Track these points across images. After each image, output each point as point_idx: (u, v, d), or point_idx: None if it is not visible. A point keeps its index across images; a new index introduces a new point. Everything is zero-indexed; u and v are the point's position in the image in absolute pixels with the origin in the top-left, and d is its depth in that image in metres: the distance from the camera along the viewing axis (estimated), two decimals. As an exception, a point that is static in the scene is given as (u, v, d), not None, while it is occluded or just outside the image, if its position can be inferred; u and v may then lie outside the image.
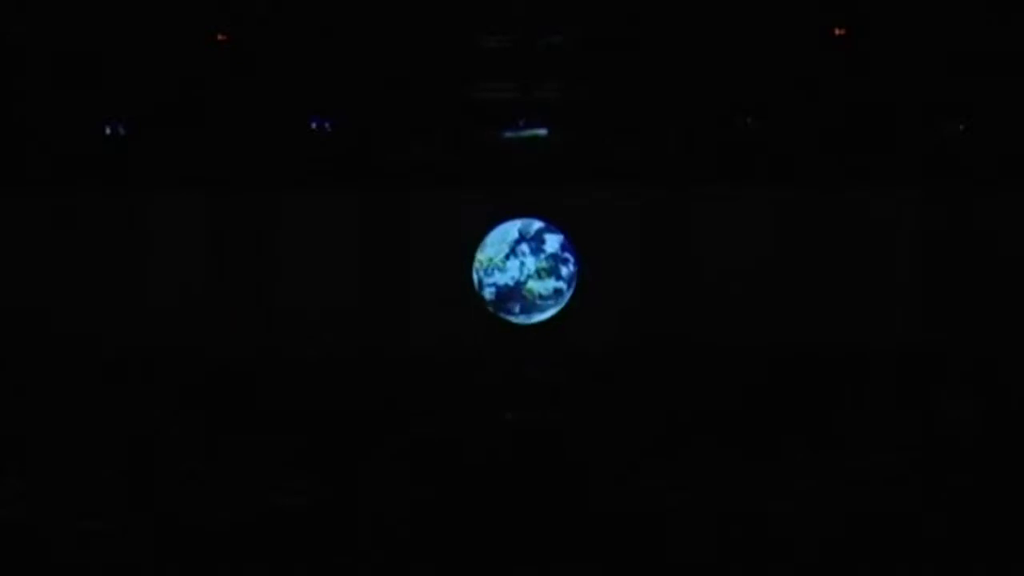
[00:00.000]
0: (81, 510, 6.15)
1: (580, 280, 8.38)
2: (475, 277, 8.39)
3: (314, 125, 8.43)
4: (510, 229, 8.43)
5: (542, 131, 8.47)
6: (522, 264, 8.43)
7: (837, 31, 8.41)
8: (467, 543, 5.85)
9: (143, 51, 8.18)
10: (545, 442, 7.27)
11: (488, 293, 8.39)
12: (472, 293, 8.39)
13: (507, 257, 8.44)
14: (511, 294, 8.43)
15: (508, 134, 8.49)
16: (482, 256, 8.41)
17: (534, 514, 6.15)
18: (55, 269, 8.19)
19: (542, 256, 8.43)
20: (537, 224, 8.45)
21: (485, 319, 8.39)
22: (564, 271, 8.42)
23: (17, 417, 7.49)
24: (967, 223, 8.33)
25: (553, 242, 8.45)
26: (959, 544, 5.73)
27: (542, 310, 8.39)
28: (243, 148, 8.30)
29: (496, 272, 8.42)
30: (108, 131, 8.32)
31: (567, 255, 8.43)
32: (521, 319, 8.37)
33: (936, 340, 8.25)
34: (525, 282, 8.41)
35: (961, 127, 8.44)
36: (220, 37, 8.42)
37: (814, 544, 5.79)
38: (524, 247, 8.46)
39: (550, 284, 8.41)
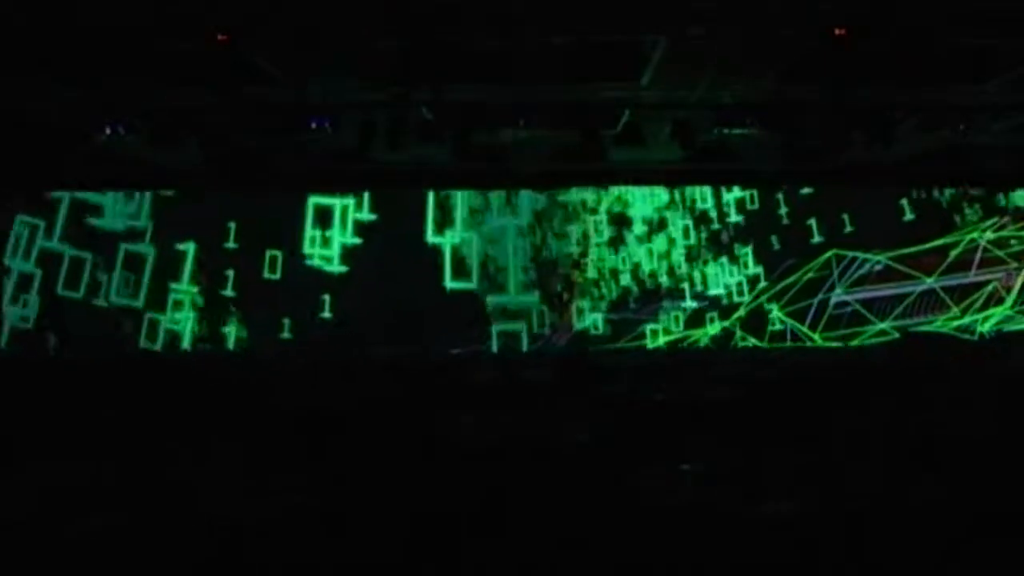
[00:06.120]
0: (80, 511, 6.13)
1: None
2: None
3: (314, 125, 8.42)
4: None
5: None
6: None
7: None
8: (466, 543, 5.83)
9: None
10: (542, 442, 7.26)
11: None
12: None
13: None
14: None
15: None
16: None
17: (533, 513, 6.13)
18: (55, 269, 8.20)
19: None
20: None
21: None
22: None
23: (16, 417, 7.49)
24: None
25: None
26: (960, 545, 5.72)
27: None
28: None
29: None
30: (108, 131, 8.32)
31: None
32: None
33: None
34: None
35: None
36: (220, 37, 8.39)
37: (816, 545, 5.78)
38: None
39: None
